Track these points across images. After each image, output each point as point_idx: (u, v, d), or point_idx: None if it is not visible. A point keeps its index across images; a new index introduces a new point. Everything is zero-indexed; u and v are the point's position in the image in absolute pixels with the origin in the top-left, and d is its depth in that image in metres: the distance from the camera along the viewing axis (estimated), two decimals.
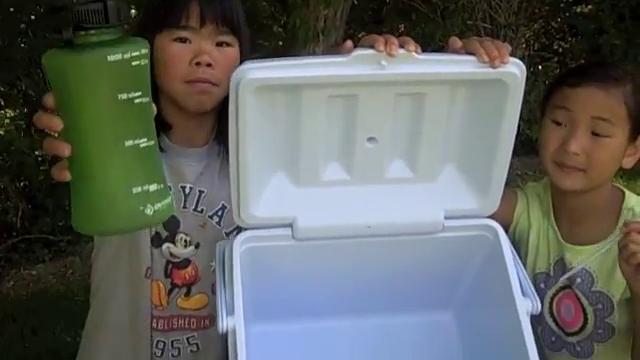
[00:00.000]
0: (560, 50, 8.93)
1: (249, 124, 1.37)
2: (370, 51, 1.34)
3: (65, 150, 1.11)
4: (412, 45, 1.36)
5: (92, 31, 1.09)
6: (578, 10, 8.98)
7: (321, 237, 1.52)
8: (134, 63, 1.11)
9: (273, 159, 1.47)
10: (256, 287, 1.49)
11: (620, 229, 1.56)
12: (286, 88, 1.37)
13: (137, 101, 1.12)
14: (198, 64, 1.62)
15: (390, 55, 1.33)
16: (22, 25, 6.51)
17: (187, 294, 1.75)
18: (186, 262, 1.74)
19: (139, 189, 1.13)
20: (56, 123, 1.11)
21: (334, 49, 1.46)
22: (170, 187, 1.65)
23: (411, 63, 1.36)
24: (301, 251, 1.52)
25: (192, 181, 1.73)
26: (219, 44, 1.65)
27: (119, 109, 1.10)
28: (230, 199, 1.52)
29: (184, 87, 1.64)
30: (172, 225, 1.71)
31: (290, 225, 1.50)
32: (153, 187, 1.15)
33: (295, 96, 1.38)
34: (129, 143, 1.12)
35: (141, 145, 1.13)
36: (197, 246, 1.73)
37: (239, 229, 1.54)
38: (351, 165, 1.50)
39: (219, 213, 1.74)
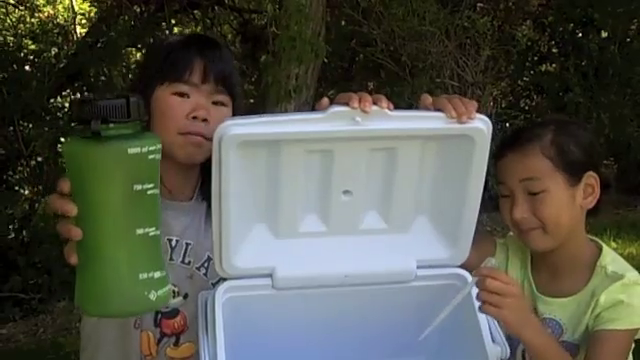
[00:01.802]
0: (526, 108, 9.07)
1: (231, 178, 1.42)
2: (345, 108, 1.41)
3: (77, 235, 1.16)
4: (385, 102, 1.43)
5: (115, 124, 1.15)
6: (543, 69, 9.15)
7: (299, 286, 1.57)
8: (150, 157, 1.17)
9: (254, 211, 1.52)
10: (237, 336, 1.53)
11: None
12: (266, 143, 1.43)
13: (150, 192, 1.18)
14: (195, 118, 1.67)
15: (364, 112, 1.40)
16: None
17: (176, 343, 1.78)
18: (175, 312, 1.76)
19: (145, 275, 1.18)
20: (71, 208, 1.15)
21: (307, 107, 1.52)
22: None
23: (384, 119, 1.43)
24: (281, 300, 1.57)
25: (179, 234, 1.76)
26: (215, 102, 1.70)
27: (133, 199, 1.16)
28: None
29: (178, 139, 1.68)
30: None
31: (270, 275, 1.55)
32: (157, 274, 1.21)
33: (275, 151, 1.44)
34: (140, 231, 1.18)
35: (150, 234, 1.19)
36: (185, 297, 1.76)
37: (223, 279, 1.59)
38: (328, 217, 1.55)
39: (205, 265, 1.77)
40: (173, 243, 1.76)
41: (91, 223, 1.16)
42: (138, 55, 8.55)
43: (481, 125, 1.47)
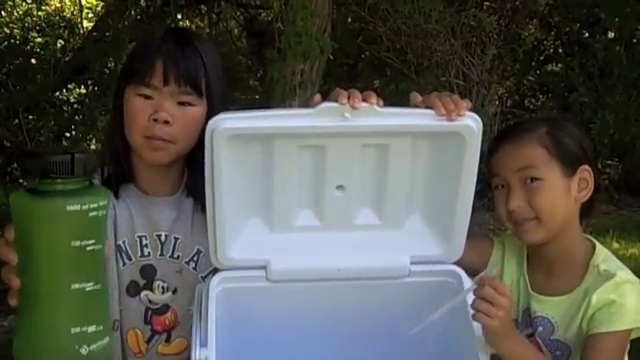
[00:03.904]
0: (532, 107, 9.06)
1: (223, 171, 1.44)
2: (334, 104, 1.43)
3: (16, 284, 1.18)
4: (374, 98, 1.44)
5: (57, 180, 1.16)
6: (549, 69, 9.14)
7: (293, 279, 1.59)
8: (91, 214, 1.17)
9: (248, 205, 1.54)
10: (231, 326, 1.54)
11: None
12: (258, 137, 1.45)
13: (89, 248, 1.18)
14: (155, 120, 1.65)
15: (353, 107, 1.42)
16: (2, 76, 6.56)
17: (167, 339, 1.78)
18: (165, 308, 1.77)
19: (77, 329, 1.19)
20: (12, 257, 1.18)
21: (306, 103, 1.53)
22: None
23: (372, 115, 1.44)
24: (274, 292, 1.59)
25: (167, 229, 1.76)
26: (182, 103, 1.68)
27: (70, 255, 1.17)
28: (204, 244, 1.58)
29: (142, 141, 1.67)
30: (149, 273, 1.75)
31: (264, 267, 1.57)
32: (92, 328, 1.20)
33: (267, 145, 1.46)
34: (75, 286, 1.18)
35: (87, 289, 1.19)
36: (174, 291, 1.76)
37: (214, 273, 1.60)
38: (322, 212, 1.57)
39: (195, 258, 1.77)
40: (162, 238, 1.76)
41: (28, 274, 1.17)
42: None
43: (471, 123, 1.48)
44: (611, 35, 8.39)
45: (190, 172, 1.75)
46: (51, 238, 1.16)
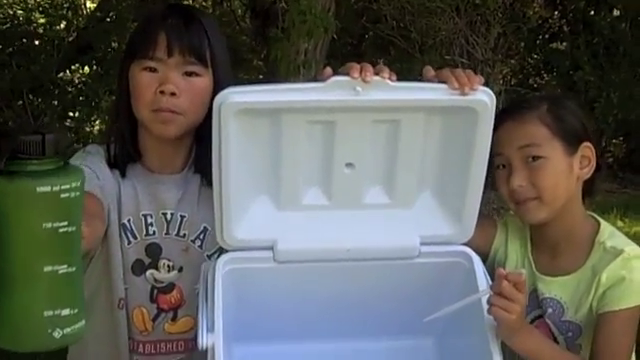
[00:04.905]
0: (536, 86, 9.03)
1: (231, 147, 1.42)
2: (346, 77, 1.41)
3: None
4: (386, 72, 1.42)
5: (27, 161, 1.13)
6: (554, 47, 9.10)
7: (301, 260, 1.57)
8: (63, 195, 1.14)
9: (255, 183, 1.52)
10: (238, 308, 1.53)
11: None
12: (266, 112, 1.43)
13: (62, 230, 1.15)
14: (162, 92, 1.64)
15: (364, 81, 1.40)
16: (6, 57, 6.55)
17: (174, 318, 1.78)
18: (171, 286, 1.76)
19: (50, 312, 1.16)
20: None
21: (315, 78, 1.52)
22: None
23: (384, 90, 1.42)
24: (282, 273, 1.57)
25: (173, 207, 1.75)
26: (188, 74, 1.67)
27: (42, 237, 1.14)
28: (211, 221, 1.56)
29: (151, 115, 1.67)
30: (155, 251, 1.74)
31: (271, 248, 1.55)
32: (65, 312, 1.18)
33: (275, 120, 1.44)
34: (47, 269, 1.15)
35: (59, 272, 1.16)
36: (180, 270, 1.76)
37: (220, 251, 1.59)
38: (330, 190, 1.55)
39: (201, 236, 1.76)
40: (168, 217, 1.75)
41: (1, 256, 1.15)
42: None
43: (484, 97, 1.46)
44: (617, 13, 8.35)
45: (198, 148, 1.74)
46: (22, 220, 1.13)
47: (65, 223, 1.16)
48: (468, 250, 1.62)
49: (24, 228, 1.14)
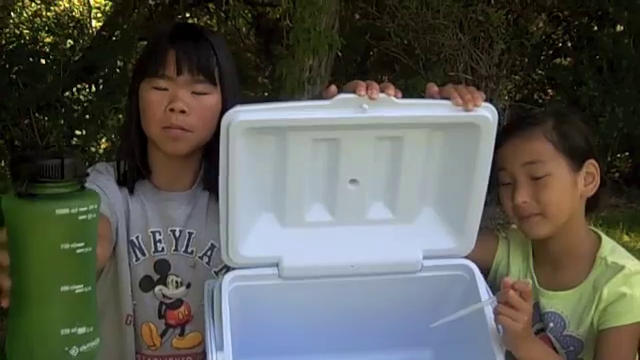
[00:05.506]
0: (540, 101, 9.04)
1: (239, 165, 1.43)
2: (352, 95, 1.43)
3: (6, 285, 1.19)
4: (392, 90, 1.44)
5: (46, 184, 1.16)
6: (558, 63, 9.11)
7: (306, 276, 1.58)
8: (81, 217, 1.17)
9: (261, 200, 1.53)
10: (243, 325, 1.54)
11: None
12: (273, 130, 1.44)
13: (79, 251, 1.18)
14: (172, 110, 1.67)
15: (371, 99, 1.42)
16: (12, 75, 6.57)
17: (182, 334, 1.80)
18: (179, 302, 1.79)
19: (67, 331, 1.19)
20: (3, 259, 1.18)
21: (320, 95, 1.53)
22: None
23: (390, 107, 1.44)
24: (287, 290, 1.58)
25: (181, 224, 1.78)
26: (197, 92, 1.69)
27: (60, 257, 1.17)
28: (218, 238, 1.57)
29: (161, 132, 1.69)
30: (163, 268, 1.77)
31: (276, 265, 1.56)
32: (82, 330, 1.21)
33: (281, 138, 1.46)
34: (64, 288, 1.18)
35: (76, 291, 1.19)
36: (188, 286, 1.78)
37: (227, 268, 1.60)
38: (334, 206, 1.57)
39: (208, 253, 1.78)
40: (177, 233, 1.77)
41: (18, 276, 1.18)
42: None
43: (487, 113, 1.48)
44: (620, 28, 8.35)
45: (207, 165, 1.76)
46: (40, 241, 1.16)
47: (82, 244, 1.19)
48: (469, 263, 1.64)
49: (43, 248, 1.16)
